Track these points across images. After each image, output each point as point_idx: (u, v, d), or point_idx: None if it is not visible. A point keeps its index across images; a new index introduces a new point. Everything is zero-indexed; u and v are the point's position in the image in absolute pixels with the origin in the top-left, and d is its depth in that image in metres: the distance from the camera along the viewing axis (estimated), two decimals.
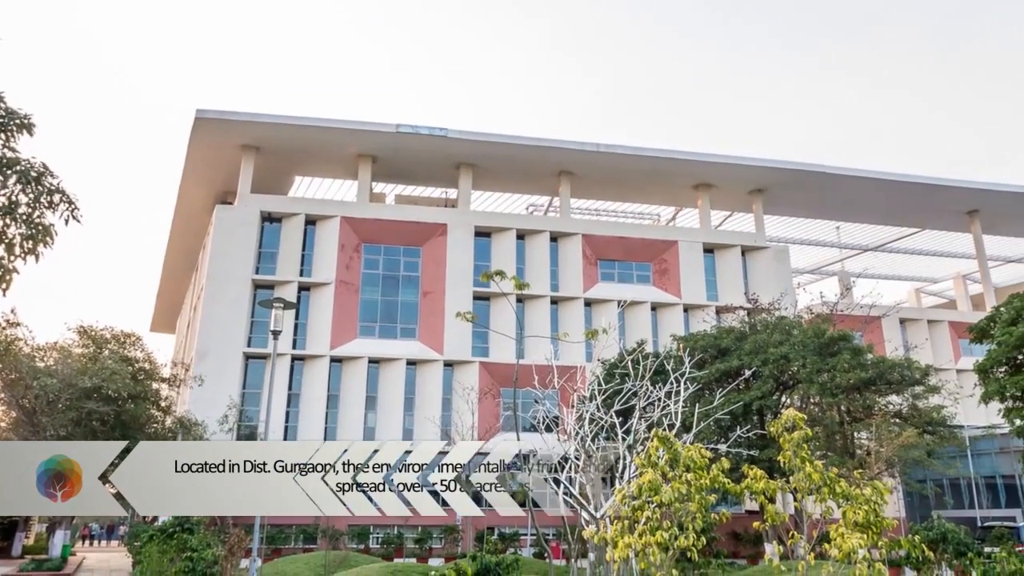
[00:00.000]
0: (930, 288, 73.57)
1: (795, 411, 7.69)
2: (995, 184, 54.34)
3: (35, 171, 11.34)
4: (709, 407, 22.84)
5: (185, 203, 51.00)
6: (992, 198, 54.64)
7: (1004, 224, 58.26)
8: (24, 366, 29.35)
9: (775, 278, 50.71)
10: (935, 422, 33.11)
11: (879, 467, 28.19)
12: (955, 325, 57.37)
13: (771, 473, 7.69)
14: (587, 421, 17.57)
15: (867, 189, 52.51)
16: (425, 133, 46.22)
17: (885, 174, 52.02)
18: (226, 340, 42.61)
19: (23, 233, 11.08)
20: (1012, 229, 59.41)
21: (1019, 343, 27.61)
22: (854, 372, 31.09)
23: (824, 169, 51.16)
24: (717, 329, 39.01)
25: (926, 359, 45.37)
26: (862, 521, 6.86)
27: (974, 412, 39.94)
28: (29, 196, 11.29)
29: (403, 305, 47.24)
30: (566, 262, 49.41)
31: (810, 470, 7.19)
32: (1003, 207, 55.66)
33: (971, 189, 53.59)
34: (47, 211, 11.36)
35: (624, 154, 49.03)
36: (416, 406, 44.27)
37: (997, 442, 43.42)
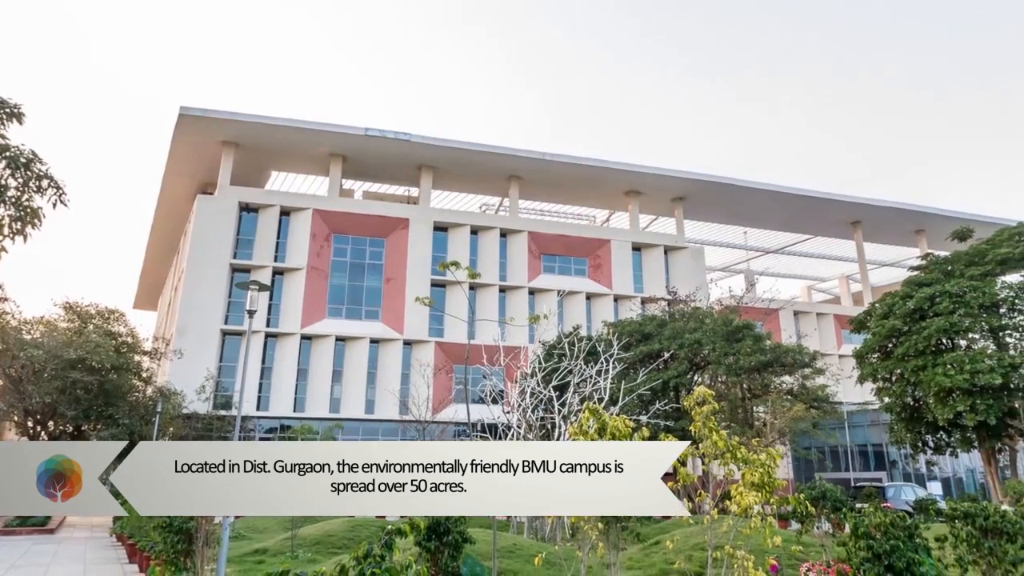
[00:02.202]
0: (819, 286, 75.86)
1: (705, 388, 7.83)
2: (875, 200, 56.42)
3: (24, 157, 10.74)
4: (633, 384, 23.26)
5: (168, 192, 48.99)
6: (871, 211, 56.80)
7: (881, 234, 60.56)
8: (11, 338, 27.76)
9: (692, 274, 51.83)
10: (820, 399, 34.25)
11: (773, 436, 29.10)
12: (839, 318, 59.43)
13: (683, 440, 7.79)
14: (528, 395, 17.68)
15: (769, 200, 53.92)
16: (391, 137, 45.49)
17: (784, 188, 53.42)
18: (205, 318, 41.25)
19: (12, 215, 10.50)
20: (888, 238, 61.74)
21: (889, 334, 28.86)
22: (755, 356, 32.03)
23: (734, 182, 52.37)
24: (642, 317, 39.69)
25: (814, 346, 47.05)
26: (757, 482, 7.07)
27: (851, 391, 41.63)
28: (18, 180, 10.70)
29: (368, 290, 46.55)
30: (513, 255, 49.46)
31: (716, 438, 7.34)
32: (881, 219, 57.88)
33: (854, 203, 55.49)
34: (35, 195, 10.78)
35: (566, 162, 49.25)
36: (378, 380, 43.76)
37: (869, 416, 44.92)
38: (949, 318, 26.62)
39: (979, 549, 7.86)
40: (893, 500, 30.71)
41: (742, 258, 67.69)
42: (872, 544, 7.37)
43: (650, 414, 23.00)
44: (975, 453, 30.53)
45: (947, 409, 25.91)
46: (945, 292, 27.35)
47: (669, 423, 22.36)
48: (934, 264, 30.46)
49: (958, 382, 25.04)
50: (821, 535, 12.98)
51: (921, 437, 29.58)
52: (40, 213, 10.69)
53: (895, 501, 30.32)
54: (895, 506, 27.43)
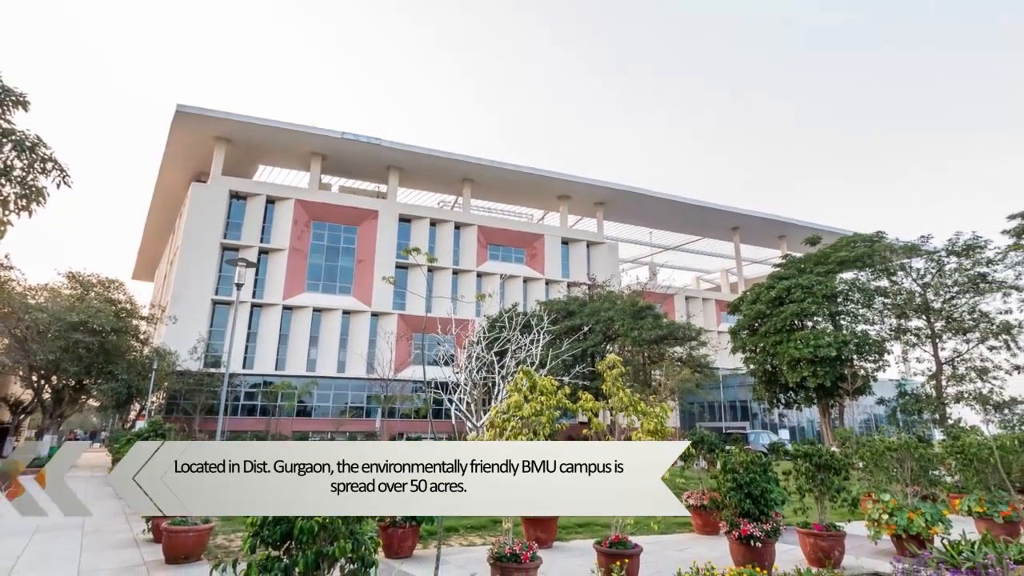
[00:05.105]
0: (706, 277, 78.33)
1: (615, 356, 7.99)
2: (751, 210, 58.56)
3: (29, 141, 9.83)
4: (559, 351, 23.55)
5: (165, 178, 45.91)
6: (747, 220, 59.00)
7: (753, 237, 63.06)
8: (16, 302, 25.56)
9: (608, 265, 52.79)
10: (702, 365, 35.58)
11: (666, 394, 30.11)
12: (719, 302, 61.80)
13: (597, 397, 7.96)
14: (474, 359, 17.65)
15: (670, 207, 55.22)
16: (364, 140, 44.03)
17: (681, 198, 54.71)
18: (198, 289, 39.11)
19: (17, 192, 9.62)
20: (758, 241, 64.29)
21: (756, 316, 30.30)
22: (654, 330, 32.96)
23: (643, 191, 53.36)
24: (567, 298, 40.20)
25: (700, 324, 48.95)
26: (653, 429, 7.31)
27: (726, 359, 43.43)
28: (23, 162, 9.79)
29: (341, 269, 45.21)
30: (465, 245, 49.03)
31: (622, 395, 7.53)
32: (753, 226, 60.25)
33: (734, 212, 57.47)
34: (40, 176, 9.90)
35: (511, 169, 48.99)
36: (349, 345, 42.76)
37: (738, 379, 46.75)
38: (800, 304, 28.14)
39: (813, 480, 8.44)
40: (753, 443, 32.38)
41: (647, 253, 68.93)
42: (736, 477, 7.80)
43: (571, 375, 23.35)
44: (815, 408, 32.40)
45: (795, 374, 27.48)
46: (798, 285, 28.85)
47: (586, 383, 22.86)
48: (791, 263, 32.08)
49: (804, 354, 26.60)
50: (699, 470, 13.62)
51: (776, 395, 31.28)
52: (44, 192, 9.84)
53: (755, 444, 32.01)
54: (755, 448, 28.97)
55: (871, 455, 11.05)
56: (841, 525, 8.04)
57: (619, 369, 7.77)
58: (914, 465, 10.32)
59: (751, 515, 7.48)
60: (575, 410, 7.65)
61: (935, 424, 26.61)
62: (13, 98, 10.05)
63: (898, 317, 28.69)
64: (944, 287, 27.66)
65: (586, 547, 8.69)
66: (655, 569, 7.23)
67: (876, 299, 29.09)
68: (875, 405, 35.11)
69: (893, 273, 28.88)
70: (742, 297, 32.55)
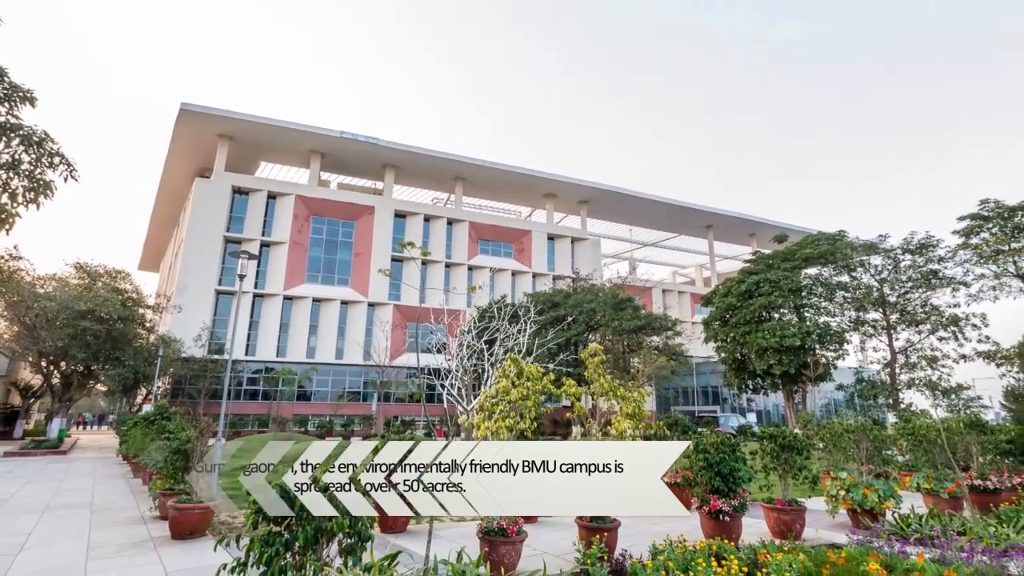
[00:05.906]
0: (681, 271, 78.49)
1: (596, 344, 8.06)
2: (724, 210, 58.83)
3: (37, 136, 9.58)
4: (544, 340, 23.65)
5: (170, 173, 45.00)
6: (720, 218, 59.34)
7: (726, 235, 63.41)
8: (25, 291, 25.00)
9: (591, 260, 52.93)
10: (677, 353, 35.92)
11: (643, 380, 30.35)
12: (694, 295, 62.18)
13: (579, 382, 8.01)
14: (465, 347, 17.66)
15: (649, 206, 55.36)
16: (362, 140, 43.52)
17: (660, 197, 54.83)
18: (202, 279, 38.53)
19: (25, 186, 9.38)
20: (730, 238, 64.62)
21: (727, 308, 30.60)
22: (633, 321, 33.20)
23: (624, 191, 53.46)
24: (553, 290, 40.27)
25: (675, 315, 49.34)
26: (631, 412, 7.39)
27: (699, 348, 43.90)
28: (31, 156, 9.54)
29: (339, 261, 44.80)
30: (457, 239, 48.80)
31: (603, 381, 7.60)
32: (726, 224, 60.63)
33: (708, 212, 57.73)
34: (48, 170, 9.66)
35: (500, 169, 48.76)
36: (346, 333, 42.49)
37: (710, 366, 47.26)
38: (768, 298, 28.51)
39: (778, 459, 8.60)
40: (723, 426, 32.88)
41: (628, 249, 68.97)
42: (707, 456, 7.91)
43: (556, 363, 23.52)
44: (780, 393, 32.85)
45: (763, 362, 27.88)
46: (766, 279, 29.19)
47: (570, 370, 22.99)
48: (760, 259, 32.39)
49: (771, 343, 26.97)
50: None
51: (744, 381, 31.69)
52: (52, 186, 9.60)
53: (725, 427, 32.51)
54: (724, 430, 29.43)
55: (830, 436, 11.28)
56: (802, 500, 8.21)
57: (600, 357, 7.82)
58: (869, 446, 10.55)
59: (720, 492, 7.60)
60: (559, 395, 7.66)
61: (889, 408, 27.18)
62: (20, 94, 9.78)
63: (857, 310, 29.17)
64: (899, 282, 28.15)
65: (568, 522, 8.77)
66: (632, 541, 7.33)
67: (837, 293, 29.55)
68: (835, 391, 35.78)
69: (853, 269, 29.31)
70: (715, 290, 32.86)
